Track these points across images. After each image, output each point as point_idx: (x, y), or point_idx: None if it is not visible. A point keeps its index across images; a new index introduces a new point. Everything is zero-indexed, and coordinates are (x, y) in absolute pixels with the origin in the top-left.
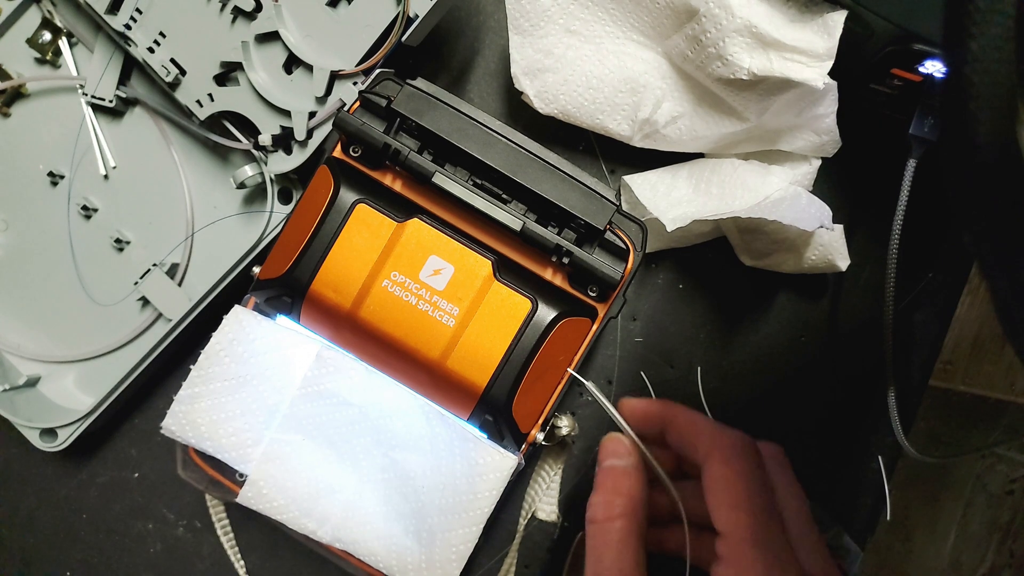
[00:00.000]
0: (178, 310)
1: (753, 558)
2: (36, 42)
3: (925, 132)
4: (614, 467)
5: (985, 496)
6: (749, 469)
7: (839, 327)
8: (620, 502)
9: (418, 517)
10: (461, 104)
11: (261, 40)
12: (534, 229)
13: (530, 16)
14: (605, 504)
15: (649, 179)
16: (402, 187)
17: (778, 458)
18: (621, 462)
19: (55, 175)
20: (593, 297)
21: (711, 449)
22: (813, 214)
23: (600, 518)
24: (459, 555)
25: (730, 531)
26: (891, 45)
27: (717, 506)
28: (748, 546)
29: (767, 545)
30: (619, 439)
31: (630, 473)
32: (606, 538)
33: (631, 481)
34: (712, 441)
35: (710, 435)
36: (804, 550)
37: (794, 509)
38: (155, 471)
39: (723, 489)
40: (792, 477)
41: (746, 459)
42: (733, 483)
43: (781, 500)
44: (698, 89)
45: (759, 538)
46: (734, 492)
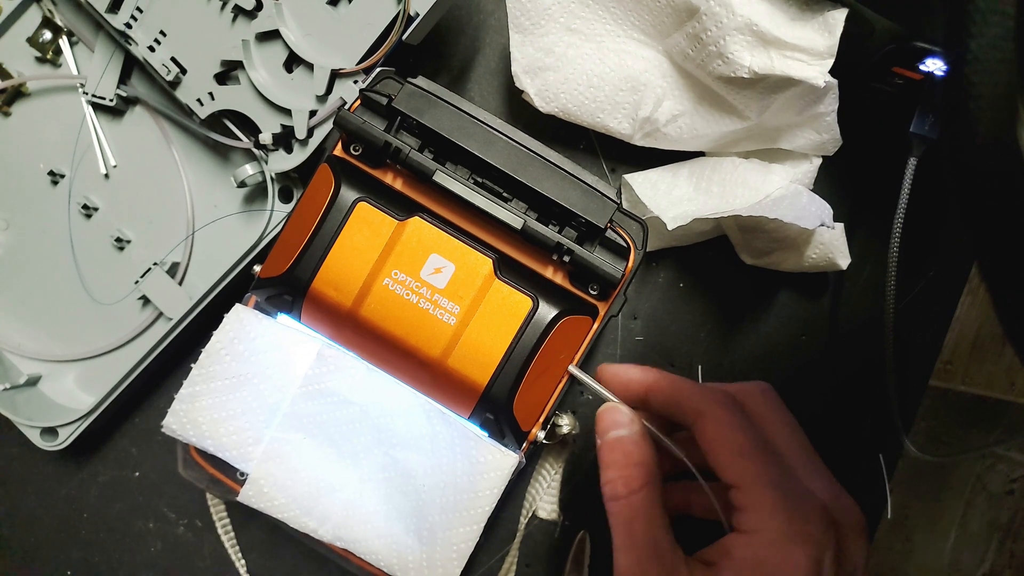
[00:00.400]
0: (179, 309)
1: (774, 499)
2: (36, 41)
3: (926, 130)
4: (621, 438)
5: (985, 496)
6: (739, 418)
7: (839, 326)
8: (638, 472)
9: (419, 516)
10: (462, 102)
11: (262, 39)
12: (535, 227)
13: (531, 14)
14: (624, 479)
15: (650, 177)
16: (403, 185)
17: (768, 394)
18: (625, 431)
19: (56, 174)
20: (594, 295)
21: (700, 408)
22: (814, 212)
23: (623, 493)
24: (460, 554)
25: (744, 480)
26: (892, 43)
27: (724, 460)
28: (766, 488)
29: (781, 484)
30: (616, 408)
31: (638, 441)
32: (633, 512)
33: (642, 449)
34: (699, 400)
35: (696, 395)
36: (809, 477)
37: (793, 441)
38: (156, 470)
39: (725, 443)
40: (784, 410)
41: (735, 410)
42: (732, 435)
43: (778, 434)
44: (699, 87)
45: (773, 479)
46: (736, 443)
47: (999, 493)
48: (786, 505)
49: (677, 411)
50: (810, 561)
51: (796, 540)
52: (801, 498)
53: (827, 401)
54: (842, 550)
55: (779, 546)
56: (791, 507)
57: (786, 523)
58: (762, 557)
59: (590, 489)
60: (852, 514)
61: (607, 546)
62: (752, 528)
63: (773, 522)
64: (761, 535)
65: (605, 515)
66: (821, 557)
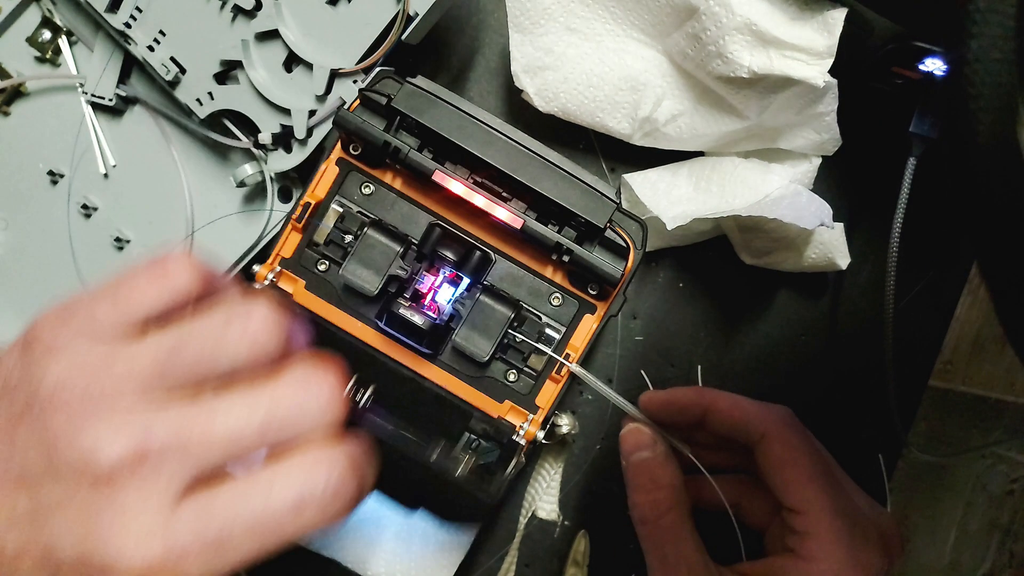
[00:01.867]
0: None
1: (839, 527)
2: (36, 41)
3: (925, 130)
4: (645, 460)
5: (985, 496)
6: (806, 441)
7: (839, 326)
8: (664, 495)
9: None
10: (461, 102)
11: (261, 38)
12: (534, 227)
13: (530, 14)
14: (652, 503)
15: (649, 177)
16: (402, 185)
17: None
18: (651, 453)
19: (55, 174)
20: (593, 295)
21: (765, 428)
22: (813, 212)
23: (651, 517)
24: (451, 561)
25: (807, 507)
26: (891, 43)
27: (787, 485)
28: (829, 517)
29: (843, 511)
30: (640, 430)
31: (663, 463)
32: (663, 535)
33: (668, 471)
34: (763, 420)
35: (758, 414)
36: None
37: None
38: None
39: (790, 466)
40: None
41: (800, 431)
42: (798, 459)
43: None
44: (698, 87)
45: (836, 507)
46: (801, 467)
47: (999, 493)
48: (848, 533)
49: (740, 431)
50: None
51: (857, 570)
52: (860, 525)
53: (827, 401)
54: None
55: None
56: (852, 535)
57: (849, 552)
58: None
59: (590, 489)
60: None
61: (607, 546)
62: (813, 555)
63: (837, 552)
64: (823, 563)
65: (605, 514)
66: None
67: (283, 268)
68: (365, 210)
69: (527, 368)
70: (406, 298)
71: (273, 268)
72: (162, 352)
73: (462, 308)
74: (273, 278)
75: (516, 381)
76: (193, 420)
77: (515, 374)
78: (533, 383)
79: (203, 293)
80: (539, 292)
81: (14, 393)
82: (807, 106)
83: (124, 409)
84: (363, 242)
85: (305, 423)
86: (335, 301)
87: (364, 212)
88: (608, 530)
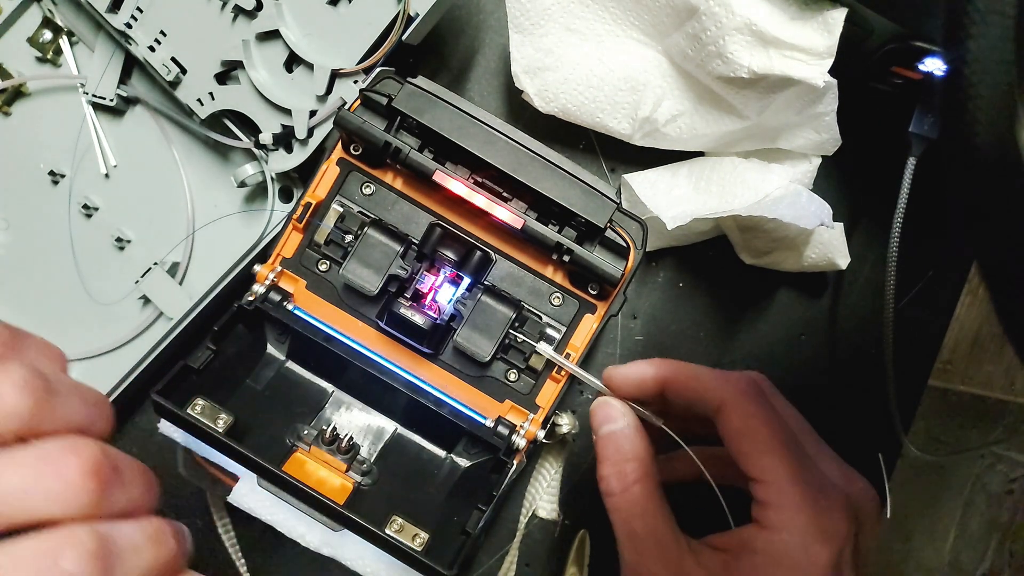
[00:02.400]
0: (179, 309)
1: (799, 496)
2: (37, 41)
3: (925, 130)
4: (613, 432)
5: (985, 496)
6: (765, 409)
7: (839, 325)
8: (631, 467)
9: None
10: (462, 102)
11: (262, 39)
12: (535, 227)
13: (530, 15)
14: (618, 475)
15: (649, 177)
16: (403, 185)
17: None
18: (618, 425)
19: (56, 174)
20: (593, 295)
21: (723, 398)
22: (813, 212)
23: (617, 489)
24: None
25: (768, 476)
26: (891, 43)
27: (747, 454)
28: (789, 485)
29: (805, 479)
30: (608, 402)
31: (630, 435)
32: (630, 508)
33: (634, 443)
34: (720, 390)
35: (716, 385)
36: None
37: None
38: (156, 469)
39: (748, 437)
40: (783, 399)
41: (759, 400)
42: (756, 429)
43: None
44: (698, 87)
45: (797, 476)
46: (760, 437)
47: (998, 493)
48: (811, 502)
49: (698, 402)
50: (832, 558)
51: (821, 539)
52: (824, 493)
53: (826, 400)
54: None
55: (804, 545)
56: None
57: (811, 521)
58: (785, 554)
59: (590, 488)
60: (868, 498)
61: (607, 545)
62: (775, 525)
63: (798, 520)
64: (785, 533)
65: (605, 514)
66: (842, 553)
67: (284, 268)
68: (366, 210)
69: (528, 368)
70: (407, 298)
71: (274, 268)
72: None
73: (463, 308)
74: (274, 278)
75: (517, 381)
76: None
77: (516, 374)
78: (534, 383)
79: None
80: (539, 292)
81: None
82: (807, 106)
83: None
84: (363, 242)
85: (39, 503)
86: (336, 301)
87: (365, 212)
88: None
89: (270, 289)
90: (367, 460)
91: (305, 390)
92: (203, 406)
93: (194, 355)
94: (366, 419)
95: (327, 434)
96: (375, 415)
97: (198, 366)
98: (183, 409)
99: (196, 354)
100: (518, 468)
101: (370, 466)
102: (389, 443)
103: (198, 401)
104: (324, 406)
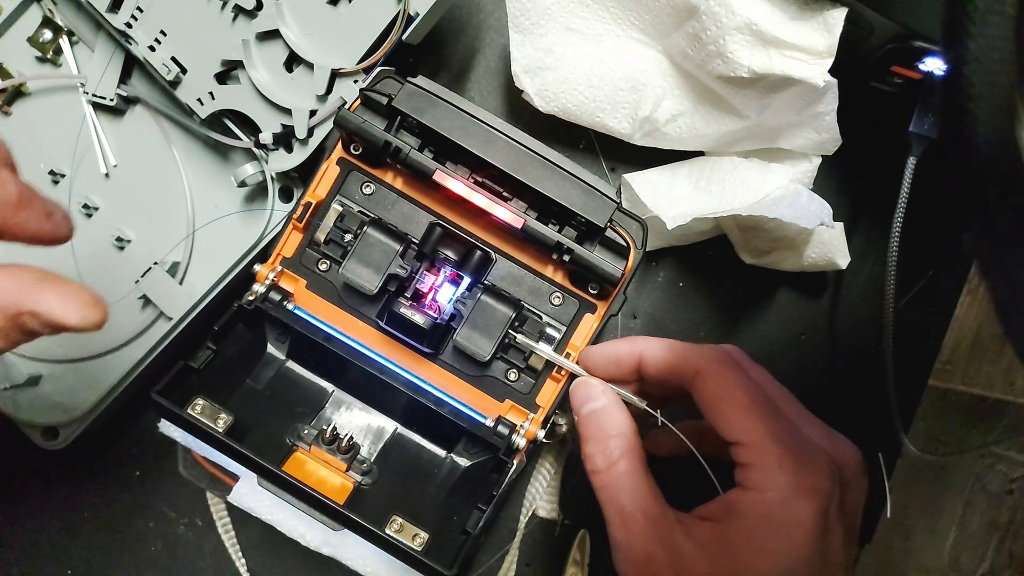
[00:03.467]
0: (179, 309)
1: (779, 454)
2: (37, 41)
3: (925, 130)
4: (594, 411)
5: (985, 496)
6: (739, 374)
7: (839, 325)
8: (615, 443)
9: None
10: (462, 102)
11: (262, 38)
12: (535, 227)
13: (531, 14)
14: (602, 452)
15: (649, 177)
16: (403, 185)
17: (737, 355)
18: (599, 403)
19: (56, 174)
20: (593, 295)
21: (698, 367)
22: (813, 212)
23: (603, 466)
24: None
25: (748, 437)
26: (891, 42)
27: (726, 417)
28: (769, 445)
29: (784, 438)
30: (587, 382)
31: (611, 411)
32: (616, 484)
33: (616, 419)
34: (696, 360)
35: (691, 354)
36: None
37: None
38: (156, 469)
39: (726, 400)
40: (758, 367)
41: (733, 366)
42: (732, 392)
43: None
44: (698, 87)
45: (776, 435)
46: (736, 400)
47: (998, 493)
48: (792, 459)
49: (674, 374)
50: (817, 514)
51: (803, 495)
52: (805, 451)
53: (826, 400)
54: (846, 496)
55: (787, 502)
56: (796, 461)
57: (793, 478)
58: (770, 513)
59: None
60: (852, 457)
61: (607, 545)
62: (758, 485)
63: (780, 478)
64: (768, 492)
65: None
66: (827, 507)
67: (284, 268)
68: (366, 209)
69: (528, 367)
70: (407, 297)
71: (274, 268)
72: None
73: (463, 308)
74: (274, 278)
75: (517, 380)
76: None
77: (516, 373)
78: (534, 382)
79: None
80: (540, 291)
81: None
82: (807, 106)
83: None
84: (363, 241)
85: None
86: (336, 300)
87: (365, 211)
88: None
89: (270, 289)
90: (367, 460)
91: (305, 390)
92: (203, 406)
93: (194, 355)
94: (366, 419)
95: (327, 434)
96: (375, 415)
97: (198, 366)
98: (183, 409)
99: (196, 354)
100: (518, 468)
101: (370, 466)
102: (389, 443)
103: (198, 401)
104: (324, 406)
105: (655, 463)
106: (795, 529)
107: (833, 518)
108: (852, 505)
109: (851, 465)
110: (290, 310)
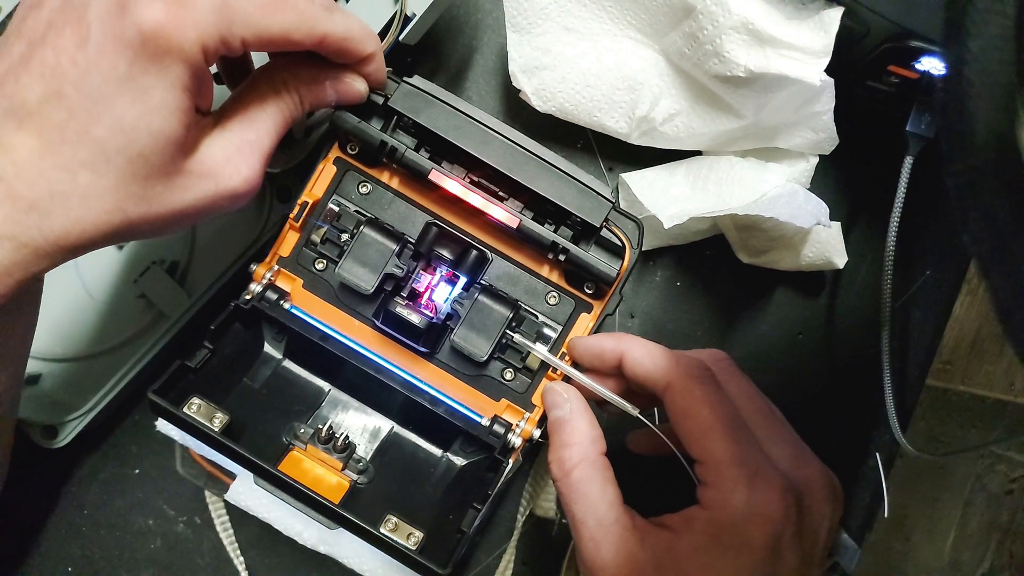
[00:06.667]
0: (178, 308)
1: (735, 478)
2: None
3: (922, 129)
4: (558, 419)
5: (984, 496)
6: (710, 392)
7: (836, 324)
8: (570, 452)
9: None
10: (458, 102)
11: None
12: (531, 226)
13: (528, 14)
14: (557, 460)
15: (647, 177)
16: (399, 184)
17: (724, 363)
18: (562, 411)
19: None
20: (589, 294)
21: (669, 379)
22: (810, 211)
23: (559, 474)
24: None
25: (707, 457)
26: (888, 42)
27: (689, 435)
28: (727, 466)
29: (743, 460)
30: (555, 389)
31: (570, 420)
32: (570, 493)
33: (573, 427)
34: (669, 372)
35: (665, 364)
36: (773, 445)
37: (756, 408)
38: (155, 467)
39: (691, 418)
40: (743, 379)
41: (704, 383)
42: (698, 410)
43: (739, 404)
44: (695, 86)
45: (736, 457)
46: (702, 419)
47: (998, 493)
48: (747, 484)
49: (647, 381)
50: (767, 539)
51: (753, 520)
52: (763, 475)
53: (824, 400)
54: (805, 522)
55: (737, 526)
56: (751, 486)
57: (745, 503)
58: (720, 535)
59: None
60: (817, 481)
61: None
62: (714, 504)
63: (733, 500)
64: (721, 513)
65: None
66: (780, 534)
67: (281, 267)
68: (362, 209)
69: (524, 367)
70: (403, 297)
71: (271, 267)
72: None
73: (460, 307)
74: (271, 277)
75: (513, 380)
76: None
77: (512, 373)
78: (530, 382)
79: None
80: (536, 291)
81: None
82: (804, 105)
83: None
84: (359, 240)
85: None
86: (333, 300)
87: (361, 211)
88: None
89: (267, 288)
90: (363, 459)
91: (302, 389)
92: (199, 405)
93: (191, 354)
94: (362, 418)
95: (323, 433)
96: (372, 414)
97: (195, 365)
98: (179, 408)
99: (193, 353)
100: (514, 467)
101: (366, 465)
102: (385, 442)
103: (194, 400)
104: (321, 405)
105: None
106: (743, 552)
107: (786, 544)
108: (812, 530)
109: (815, 490)
110: (287, 309)
